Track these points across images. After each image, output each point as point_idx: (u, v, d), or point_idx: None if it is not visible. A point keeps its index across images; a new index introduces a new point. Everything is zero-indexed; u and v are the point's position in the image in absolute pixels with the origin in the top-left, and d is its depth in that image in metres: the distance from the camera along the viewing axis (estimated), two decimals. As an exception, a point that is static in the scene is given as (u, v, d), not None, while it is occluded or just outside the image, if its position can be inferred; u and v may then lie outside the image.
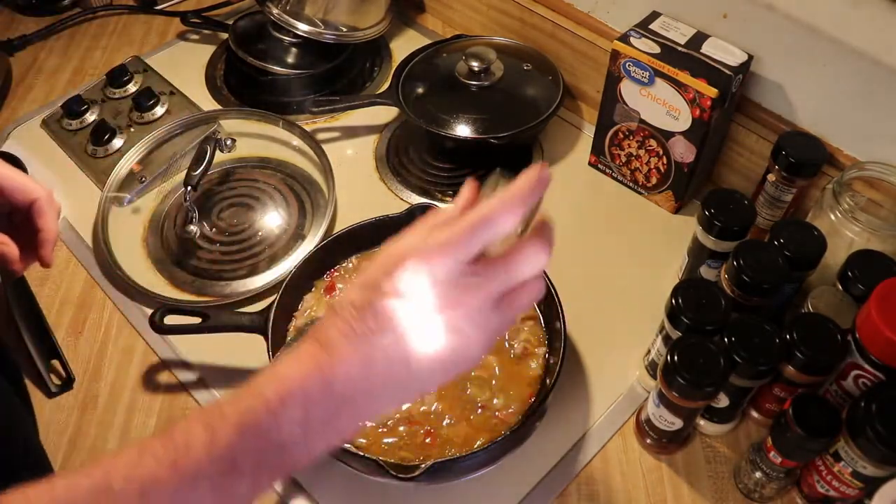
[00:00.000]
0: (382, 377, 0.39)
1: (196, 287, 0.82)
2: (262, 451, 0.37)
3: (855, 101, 0.74)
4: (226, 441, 0.37)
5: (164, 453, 0.37)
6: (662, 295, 0.67)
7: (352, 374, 0.39)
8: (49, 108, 1.02)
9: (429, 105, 0.92)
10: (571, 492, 0.68)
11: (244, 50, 1.02)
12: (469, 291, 0.40)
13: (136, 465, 0.36)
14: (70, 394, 0.75)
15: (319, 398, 0.38)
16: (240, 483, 0.37)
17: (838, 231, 0.69)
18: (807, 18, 0.72)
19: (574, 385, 0.74)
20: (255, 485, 0.38)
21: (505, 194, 0.41)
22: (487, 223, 0.40)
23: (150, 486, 0.36)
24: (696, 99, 0.76)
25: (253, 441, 0.37)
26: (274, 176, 0.93)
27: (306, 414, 0.38)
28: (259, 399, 0.38)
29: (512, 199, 0.40)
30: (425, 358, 0.40)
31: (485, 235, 0.40)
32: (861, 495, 0.60)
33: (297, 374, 0.39)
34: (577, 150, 0.96)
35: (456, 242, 0.39)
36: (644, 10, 0.83)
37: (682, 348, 0.60)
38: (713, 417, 0.69)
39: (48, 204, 0.59)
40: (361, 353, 0.39)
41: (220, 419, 0.37)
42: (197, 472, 0.36)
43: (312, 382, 0.38)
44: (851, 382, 0.62)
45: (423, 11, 1.17)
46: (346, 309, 0.39)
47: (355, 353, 0.39)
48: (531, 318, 0.74)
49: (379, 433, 0.66)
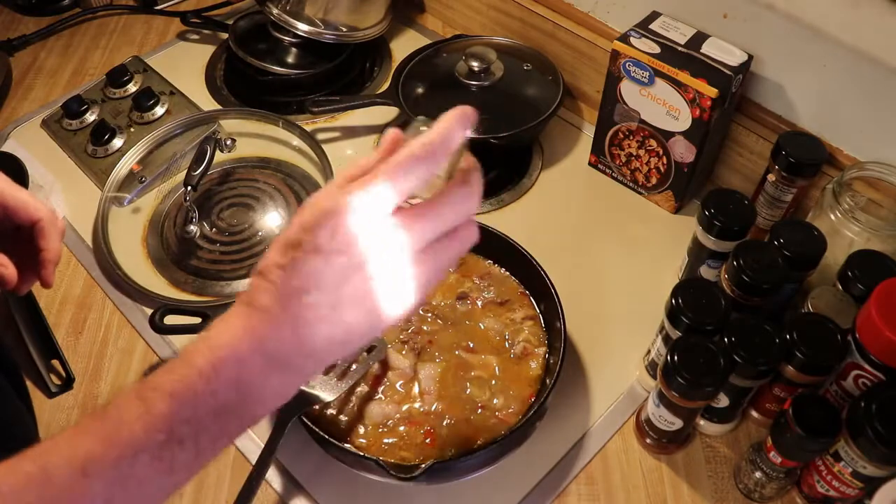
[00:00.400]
0: (312, 334, 0.38)
1: (196, 287, 0.82)
2: (199, 418, 0.37)
3: (855, 101, 0.74)
4: (159, 411, 0.36)
5: (99, 429, 0.37)
6: (662, 295, 0.67)
7: (282, 333, 0.38)
8: (49, 108, 1.02)
9: (429, 105, 0.92)
10: (571, 492, 0.68)
11: (244, 50, 1.02)
12: (393, 241, 0.39)
13: (74, 445, 0.36)
14: (70, 394, 0.75)
15: (251, 360, 0.38)
16: (181, 451, 0.37)
17: (838, 231, 0.69)
18: (807, 18, 0.72)
19: (574, 385, 0.74)
20: (199, 452, 0.38)
21: (424, 137, 0.39)
22: (406, 169, 0.38)
23: (90, 465, 0.36)
24: (696, 99, 0.76)
25: (188, 409, 0.37)
26: (274, 176, 0.93)
27: (240, 376, 0.38)
28: (191, 366, 0.38)
29: (432, 143, 0.39)
30: (353, 311, 0.39)
31: (405, 182, 0.38)
32: (861, 495, 0.60)
33: (227, 337, 0.38)
34: (577, 150, 0.96)
35: (375, 191, 0.38)
36: (644, 10, 0.83)
37: (682, 348, 0.60)
38: (713, 417, 0.69)
39: (51, 224, 0.59)
40: (290, 312, 0.38)
41: (152, 391, 0.37)
42: (134, 444, 0.36)
43: (243, 345, 0.38)
44: (851, 382, 0.62)
45: (423, 11, 1.17)
46: (271, 270, 0.39)
47: (283, 313, 0.38)
48: (531, 317, 0.74)
49: (379, 433, 0.66)
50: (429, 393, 0.68)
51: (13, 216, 0.58)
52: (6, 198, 0.57)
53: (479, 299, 0.75)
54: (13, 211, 0.57)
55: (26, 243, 0.59)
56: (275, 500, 0.67)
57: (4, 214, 0.57)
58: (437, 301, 0.75)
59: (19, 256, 0.58)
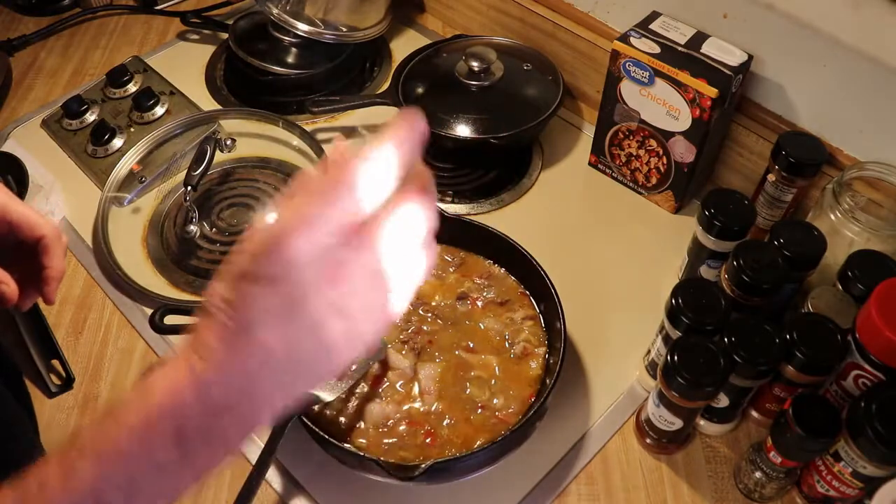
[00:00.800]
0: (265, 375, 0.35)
1: (196, 287, 0.82)
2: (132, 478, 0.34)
3: (855, 102, 0.74)
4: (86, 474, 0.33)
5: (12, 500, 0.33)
6: (662, 295, 0.67)
7: (229, 376, 0.34)
8: (49, 108, 1.02)
9: (429, 105, 0.91)
10: (571, 492, 0.68)
11: (244, 50, 1.02)
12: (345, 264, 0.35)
13: None
14: (70, 394, 0.74)
15: (194, 410, 0.34)
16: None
17: (838, 231, 0.69)
18: (807, 18, 0.72)
19: (574, 385, 0.74)
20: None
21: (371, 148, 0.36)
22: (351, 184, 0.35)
23: None
24: (696, 99, 0.76)
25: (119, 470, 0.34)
26: (274, 176, 0.93)
27: (180, 430, 0.34)
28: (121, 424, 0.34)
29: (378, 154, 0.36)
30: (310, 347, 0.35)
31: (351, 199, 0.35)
32: (861, 495, 0.60)
33: (166, 386, 0.34)
34: (577, 150, 0.96)
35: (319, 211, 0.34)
36: (644, 10, 0.83)
37: (682, 348, 0.60)
38: (713, 417, 0.69)
39: (55, 241, 0.57)
40: (238, 351, 0.34)
41: (77, 452, 0.34)
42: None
43: (185, 394, 0.34)
44: (851, 382, 0.62)
45: (423, 11, 1.17)
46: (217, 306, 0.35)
47: (231, 353, 0.34)
48: (531, 317, 0.74)
49: (379, 433, 0.66)
50: (429, 393, 0.68)
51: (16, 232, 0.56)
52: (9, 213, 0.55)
53: (480, 299, 0.75)
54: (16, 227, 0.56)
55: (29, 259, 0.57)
56: (275, 500, 0.67)
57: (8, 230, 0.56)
58: (437, 301, 0.75)
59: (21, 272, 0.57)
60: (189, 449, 0.34)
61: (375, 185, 0.36)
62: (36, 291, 0.58)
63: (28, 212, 0.56)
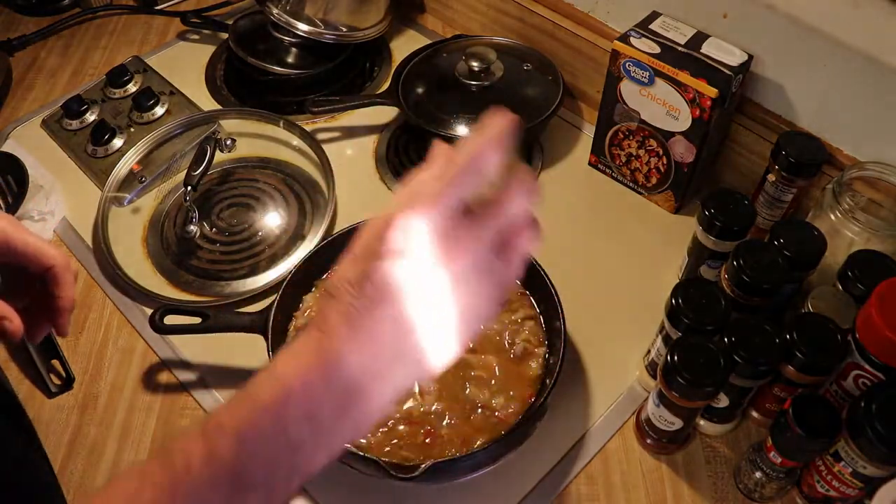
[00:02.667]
0: (392, 352, 0.36)
1: (196, 287, 0.82)
2: (270, 458, 0.35)
3: (855, 101, 0.74)
4: (227, 455, 0.34)
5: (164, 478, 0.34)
6: (662, 295, 0.67)
7: (358, 356, 0.36)
8: (49, 108, 1.02)
9: (429, 105, 0.92)
10: (571, 492, 0.68)
11: (244, 50, 1.02)
12: (467, 240, 0.37)
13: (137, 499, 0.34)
14: (70, 394, 0.75)
15: (324, 390, 0.35)
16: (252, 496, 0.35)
17: (838, 231, 0.69)
18: (807, 18, 0.72)
19: (574, 385, 0.74)
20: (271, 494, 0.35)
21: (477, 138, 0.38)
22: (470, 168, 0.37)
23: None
24: (696, 99, 0.76)
25: (257, 449, 0.35)
26: (274, 176, 0.93)
27: (311, 410, 0.35)
28: (257, 402, 0.35)
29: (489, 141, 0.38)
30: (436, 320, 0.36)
31: (470, 180, 0.37)
32: (861, 495, 0.60)
33: (296, 368, 0.36)
34: (577, 150, 0.96)
35: (442, 191, 0.36)
36: (644, 10, 0.83)
37: (682, 348, 0.60)
38: (713, 417, 0.69)
39: (64, 270, 0.55)
40: (366, 330, 0.36)
41: (217, 431, 0.35)
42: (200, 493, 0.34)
43: (314, 375, 0.35)
44: (851, 382, 0.62)
45: (423, 11, 1.17)
46: (342, 287, 0.36)
47: (359, 332, 0.36)
48: (531, 317, 0.74)
49: (379, 433, 0.65)
50: (429, 393, 0.68)
51: (23, 262, 0.54)
52: (15, 244, 0.53)
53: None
54: (22, 257, 0.54)
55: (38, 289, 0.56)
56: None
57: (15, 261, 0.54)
58: (437, 301, 0.75)
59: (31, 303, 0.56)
60: (320, 428, 0.35)
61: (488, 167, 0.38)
62: (48, 322, 0.57)
63: (34, 241, 0.54)
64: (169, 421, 0.73)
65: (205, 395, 0.74)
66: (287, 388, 0.35)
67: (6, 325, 0.52)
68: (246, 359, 0.75)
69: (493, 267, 0.38)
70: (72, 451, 0.70)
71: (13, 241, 0.53)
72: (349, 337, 0.36)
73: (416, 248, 0.36)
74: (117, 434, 0.72)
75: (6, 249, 0.53)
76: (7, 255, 0.53)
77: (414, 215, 0.36)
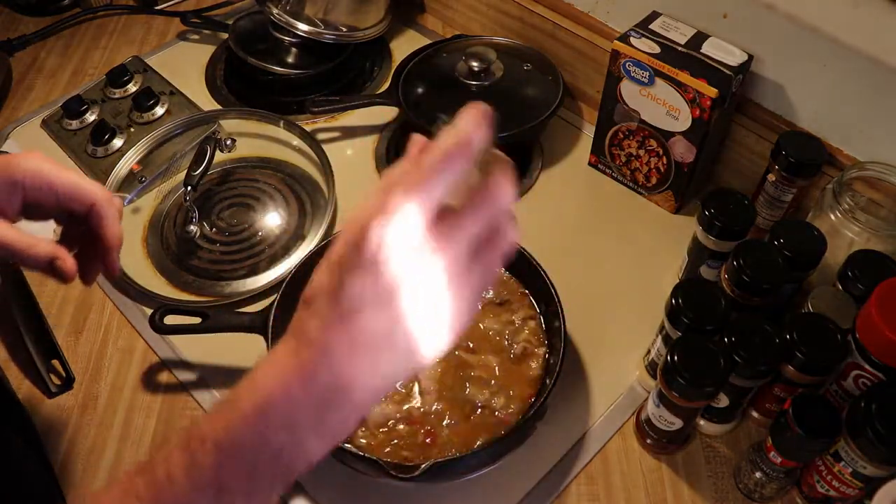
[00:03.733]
0: (370, 358, 0.36)
1: (196, 287, 0.82)
2: (250, 466, 0.35)
3: (855, 101, 0.74)
4: (207, 464, 0.35)
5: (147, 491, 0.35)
6: (662, 295, 0.67)
7: (336, 362, 0.36)
8: (49, 108, 1.02)
9: (429, 105, 0.92)
10: (571, 492, 0.68)
11: (244, 50, 1.02)
12: (443, 245, 0.36)
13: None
14: (70, 394, 0.75)
15: (302, 397, 0.36)
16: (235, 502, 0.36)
17: (838, 231, 0.69)
18: (807, 18, 0.72)
19: (574, 385, 0.74)
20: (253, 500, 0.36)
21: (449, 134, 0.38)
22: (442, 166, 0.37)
23: None
24: (696, 99, 0.76)
25: (237, 458, 0.35)
26: (274, 176, 0.93)
27: (291, 417, 0.36)
28: (236, 412, 0.36)
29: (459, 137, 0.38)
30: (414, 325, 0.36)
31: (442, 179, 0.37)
32: (861, 495, 0.60)
33: (275, 376, 0.36)
34: (577, 150, 0.96)
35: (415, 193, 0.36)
36: (644, 10, 0.83)
37: (682, 348, 0.60)
38: (713, 417, 0.69)
39: (108, 205, 0.54)
40: (343, 337, 0.36)
41: (198, 442, 0.35)
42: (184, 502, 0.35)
43: (293, 382, 0.36)
44: (851, 382, 0.62)
45: (423, 11, 1.17)
46: (318, 297, 0.36)
47: (336, 340, 0.36)
48: (531, 317, 0.74)
49: (379, 433, 0.66)
50: (429, 393, 0.68)
51: (65, 203, 0.53)
52: (54, 183, 0.52)
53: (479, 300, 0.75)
54: (64, 197, 0.53)
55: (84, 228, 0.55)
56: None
57: (56, 201, 0.53)
58: (437, 301, 0.75)
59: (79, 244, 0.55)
60: (300, 435, 0.36)
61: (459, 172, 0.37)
62: (98, 263, 0.56)
63: (74, 179, 0.53)
64: (169, 421, 0.73)
65: (205, 395, 0.74)
66: (266, 396, 0.36)
67: (60, 265, 0.52)
68: (246, 359, 0.74)
69: (471, 271, 0.38)
70: (72, 451, 0.70)
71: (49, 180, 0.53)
72: (327, 343, 0.36)
73: (391, 257, 0.35)
74: (117, 434, 0.72)
75: (49, 189, 0.53)
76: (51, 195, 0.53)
77: (388, 219, 0.36)
